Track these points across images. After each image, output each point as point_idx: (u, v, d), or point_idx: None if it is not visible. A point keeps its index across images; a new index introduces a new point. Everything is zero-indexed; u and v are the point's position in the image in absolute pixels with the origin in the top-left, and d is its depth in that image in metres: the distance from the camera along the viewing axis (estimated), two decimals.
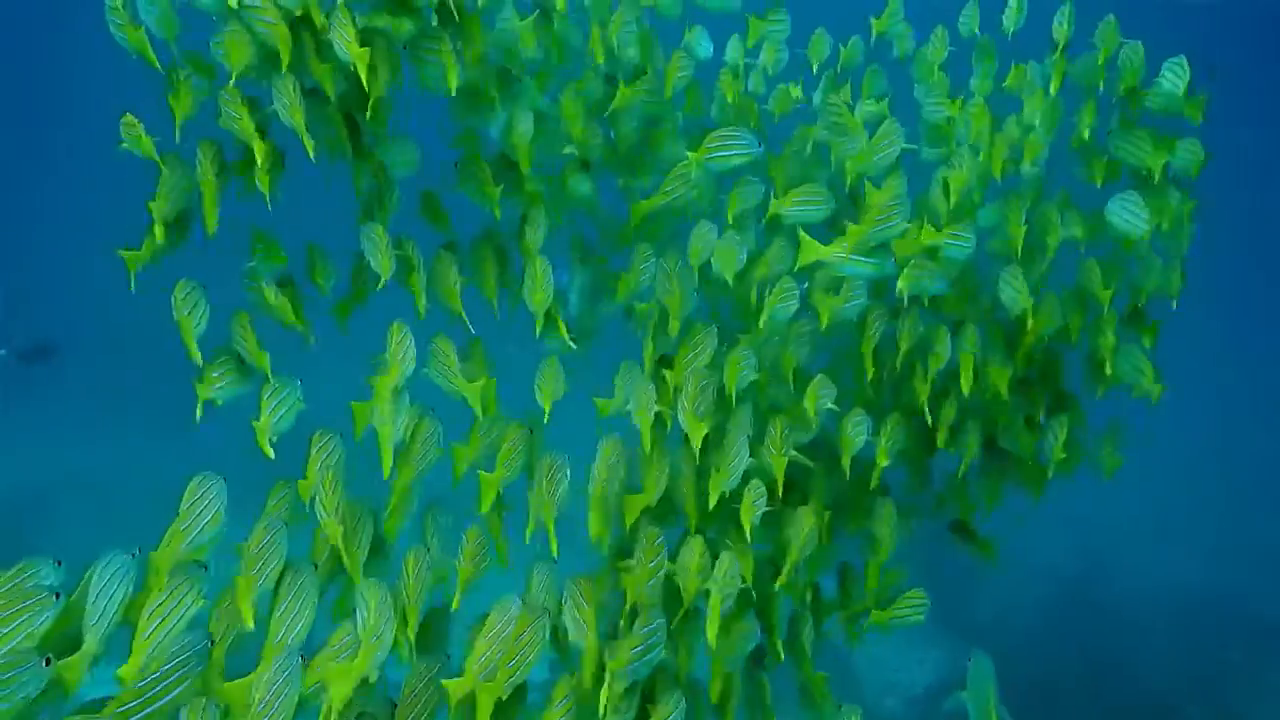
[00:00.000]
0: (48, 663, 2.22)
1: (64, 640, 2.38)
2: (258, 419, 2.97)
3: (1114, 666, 7.19)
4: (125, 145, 2.86)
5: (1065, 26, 3.91)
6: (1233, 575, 8.27)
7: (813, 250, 3.44)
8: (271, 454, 2.95)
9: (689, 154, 3.53)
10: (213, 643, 2.53)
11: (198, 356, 2.94)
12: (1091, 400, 4.05)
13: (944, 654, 7.15)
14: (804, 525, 3.34)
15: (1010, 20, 4.13)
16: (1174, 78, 3.77)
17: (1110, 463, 4.10)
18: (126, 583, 2.46)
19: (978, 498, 4.15)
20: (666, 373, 3.40)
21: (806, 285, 3.62)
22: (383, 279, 3.17)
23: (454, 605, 2.98)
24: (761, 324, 3.48)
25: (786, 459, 3.30)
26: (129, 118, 2.85)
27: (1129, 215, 3.64)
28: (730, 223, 3.60)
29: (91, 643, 2.38)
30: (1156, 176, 3.75)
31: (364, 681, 2.66)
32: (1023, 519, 4.50)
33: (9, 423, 10.20)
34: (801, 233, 3.45)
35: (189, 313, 2.89)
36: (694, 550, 3.07)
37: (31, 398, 10.61)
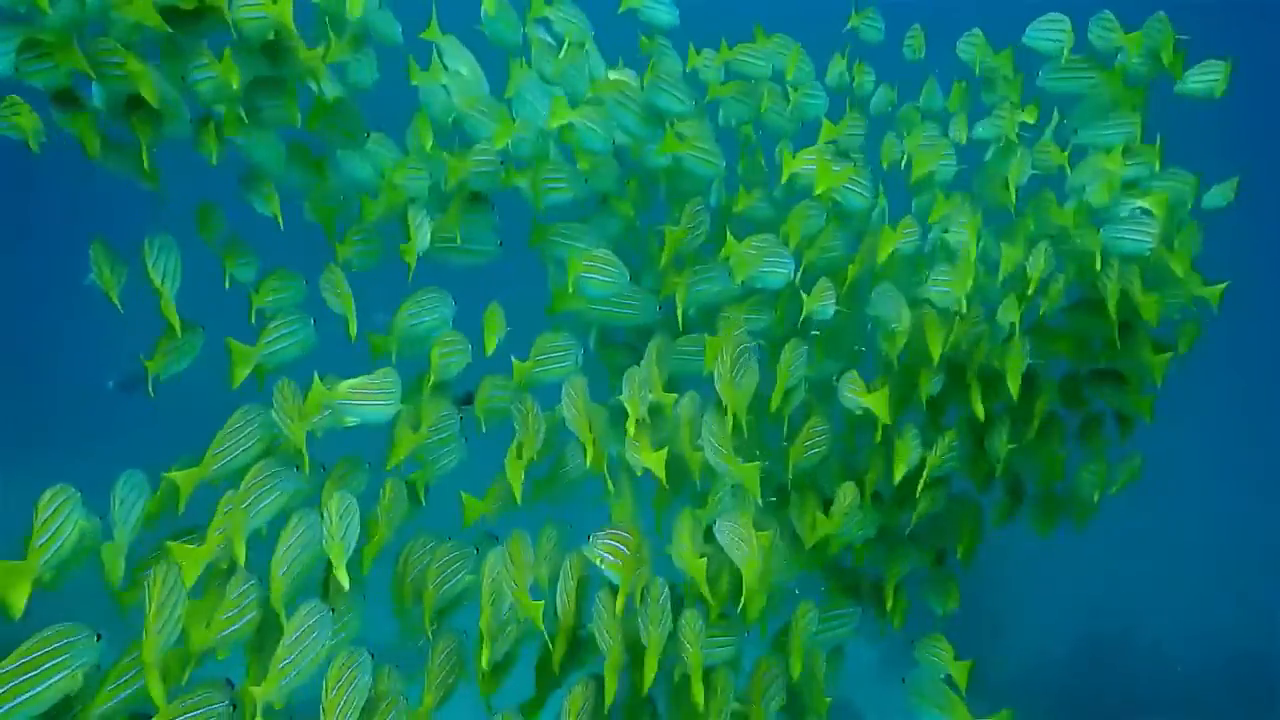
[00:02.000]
0: (99, 638, 2.36)
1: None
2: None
3: None
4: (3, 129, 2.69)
5: (1115, 34, 3.82)
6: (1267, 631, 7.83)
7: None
8: (239, 380, 2.98)
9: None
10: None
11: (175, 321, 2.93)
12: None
13: None
14: (847, 497, 3.49)
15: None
16: (1205, 77, 3.78)
17: (1123, 481, 4.08)
18: (146, 494, 2.70)
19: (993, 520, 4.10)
20: (710, 339, 3.45)
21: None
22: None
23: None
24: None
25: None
26: (11, 98, 2.67)
27: (1135, 233, 3.64)
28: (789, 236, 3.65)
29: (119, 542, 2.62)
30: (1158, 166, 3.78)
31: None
32: (1048, 574, 4.31)
33: (107, 455, 10.60)
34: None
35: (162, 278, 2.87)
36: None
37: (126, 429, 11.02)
